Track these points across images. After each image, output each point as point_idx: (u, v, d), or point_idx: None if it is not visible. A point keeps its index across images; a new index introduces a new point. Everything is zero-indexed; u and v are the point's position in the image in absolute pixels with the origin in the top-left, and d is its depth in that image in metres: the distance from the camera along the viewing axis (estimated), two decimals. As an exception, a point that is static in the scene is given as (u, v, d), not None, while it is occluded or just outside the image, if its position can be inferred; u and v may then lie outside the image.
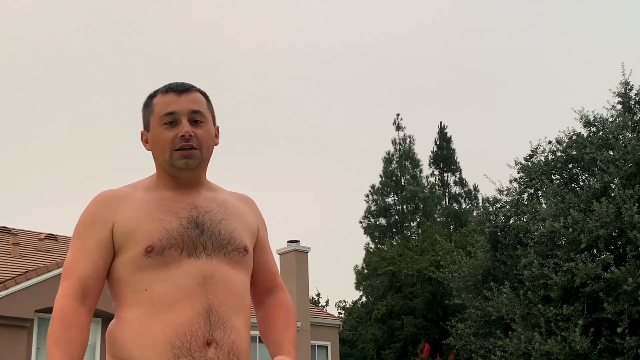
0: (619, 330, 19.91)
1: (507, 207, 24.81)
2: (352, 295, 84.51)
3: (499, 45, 63.88)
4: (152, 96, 2.43)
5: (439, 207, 41.97)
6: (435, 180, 43.71)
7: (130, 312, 2.26)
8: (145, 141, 2.43)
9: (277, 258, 28.96)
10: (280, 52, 65.87)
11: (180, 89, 2.38)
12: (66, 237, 28.00)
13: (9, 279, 19.96)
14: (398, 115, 43.31)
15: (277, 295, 2.50)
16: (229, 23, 64.26)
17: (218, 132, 2.46)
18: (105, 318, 21.18)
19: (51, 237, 27.10)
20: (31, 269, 21.28)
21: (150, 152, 2.42)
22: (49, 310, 20.17)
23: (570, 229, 21.20)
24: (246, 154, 69.69)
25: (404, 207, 41.82)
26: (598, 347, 20.29)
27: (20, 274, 20.46)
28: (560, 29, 63.90)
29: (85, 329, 2.22)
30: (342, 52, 64.74)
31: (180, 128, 2.32)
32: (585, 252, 20.69)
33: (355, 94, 65.57)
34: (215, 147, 2.43)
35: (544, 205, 23.04)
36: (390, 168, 42.14)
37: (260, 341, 24.51)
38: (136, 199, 2.35)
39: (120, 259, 2.30)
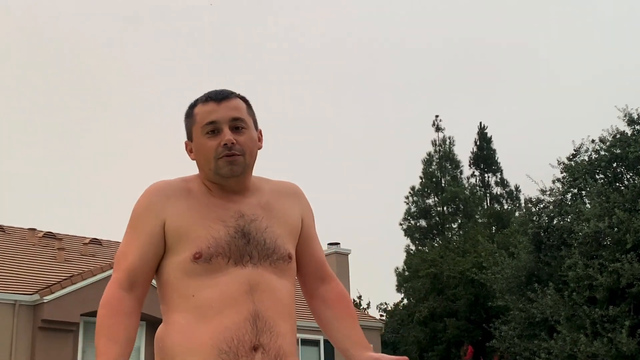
0: (666, 331, 19.58)
1: (551, 207, 24.53)
2: (393, 297, 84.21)
3: (541, 43, 63.24)
4: (192, 106, 2.44)
5: (480, 208, 41.62)
6: (476, 181, 43.39)
7: (178, 317, 2.27)
8: (189, 151, 2.45)
9: (318, 261, 28.98)
10: (322, 49, 66.02)
11: (219, 97, 2.40)
12: (110, 241, 28.36)
13: (55, 284, 20.28)
14: (437, 116, 43.10)
15: (332, 285, 2.49)
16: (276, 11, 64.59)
17: (261, 136, 2.48)
18: (150, 322, 21.41)
19: (95, 241, 27.47)
20: (76, 273, 21.59)
21: (194, 161, 2.44)
22: (94, 314, 20.44)
23: (615, 229, 20.89)
24: (288, 154, 69.96)
25: (445, 208, 41.56)
26: (645, 348, 19.98)
27: (65, 279, 20.77)
28: (609, 26, 63.02)
29: (132, 316, 2.25)
30: (386, 52, 64.65)
31: (222, 136, 2.34)
32: (631, 252, 20.37)
33: (396, 95, 65.43)
34: (259, 150, 2.45)
35: (588, 205, 22.74)
36: (430, 169, 41.92)
37: (304, 344, 24.55)
38: (188, 196, 2.38)
39: (170, 260, 2.32)
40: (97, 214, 61.86)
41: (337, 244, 28.92)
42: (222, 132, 2.35)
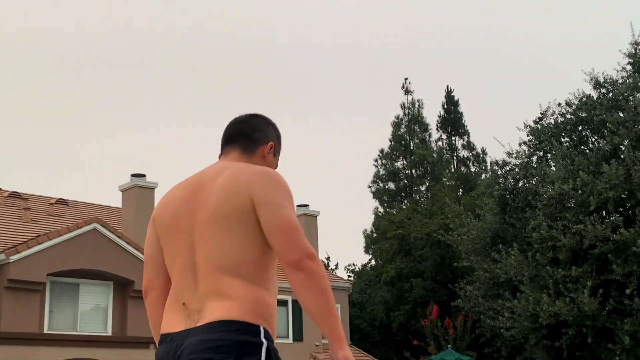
0: (627, 291, 19.98)
1: (516, 170, 24.77)
2: (361, 258, 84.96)
3: (507, 5, 63.28)
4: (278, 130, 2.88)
5: (447, 171, 41.93)
6: (444, 144, 43.63)
7: (269, 286, 2.45)
8: (271, 152, 2.77)
9: (286, 222, 29.07)
10: (289, 14, 65.48)
11: None
12: (76, 201, 28.17)
13: (21, 243, 20.14)
14: (406, 79, 43.19)
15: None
16: (236, -13, 63.78)
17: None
18: (117, 282, 21.40)
19: (62, 201, 27.26)
20: (42, 233, 21.45)
21: (267, 161, 2.74)
22: (61, 273, 20.39)
23: (580, 191, 21.18)
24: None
25: (413, 171, 41.79)
26: (606, 308, 20.38)
27: (31, 238, 20.64)
28: (571, -10, 63.16)
29: None
30: (351, 15, 64.28)
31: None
32: (594, 214, 20.69)
33: (364, 58, 65.24)
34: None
35: (553, 168, 23.00)
36: (399, 132, 42.02)
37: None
38: None
39: None
40: (63, 174, 61.28)
41: (306, 205, 29.03)
42: None
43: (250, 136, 2.71)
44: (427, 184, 41.20)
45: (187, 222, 2.47)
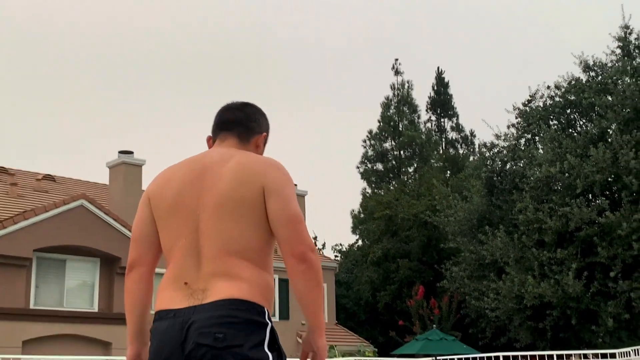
0: (612, 274, 20.14)
1: (504, 152, 24.85)
2: (348, 238, 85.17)
3: (500, -11, 63.07)
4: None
5: (435, 153, 41.98)
6: (432, 126, 43.65)
7: (271, 270, 2.60)
8: (264, 143, 2.91)
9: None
10: (278, -5, 65.09)
11: None
12: (64, 177, 28.06)
13: (7, 219, 20.06)
14: (397, 60, 43.08)
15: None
16: (226, -36, 63.34)
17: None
18: (104, 258, 21.39)
19: (49, 177, 27.14)
20: (29, 209, 21.37)
21: (260, 150, 2.87)
22: (47, 249, 20.35)
23: (566, 174, 21.28)
24: (243, 98, 69.40)
25: (401, 152, 41.81)
26: (591, 290, 20.55)
27: (18, 214, 20.55)
28: (562, -27, 63.04)
29: None
30: (341, -5, 63.97)
31: None
32: (581, 197, 20.81)
33: (356, 38, 65.05)
34: None
35: (540, 151, 23.09)
36: (388, 113, 41.97)
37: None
38: None
39: None
40: (51, 150, 61.01)
41: (294, 185, 29.04)
42: None
43: (246, 125, 2.81)
44: (415, 165, 41.26)
45: (192, 204, 2.53)
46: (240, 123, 2.80)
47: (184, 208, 2.54)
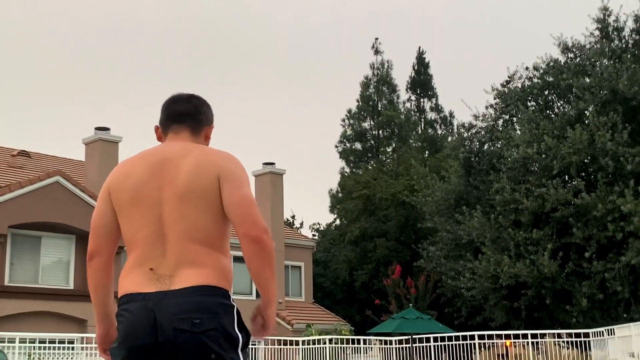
0: (586, 255, 20.33)
1: (482, 133, 24.94)
2: (326, 218, 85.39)
3: (481, -30, 62.92)
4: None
5: (414, 133, 42.00)
6: (412, 106, 43.61)
7: (229, 254, 2.79)
8: (209, 136, 3.03)
9: (252, 180, 29.04)
10: (258, -28, 64.55)
11: None
12: (39, 154, 27.79)
13: (-19, 195, 19.84)
14: (377, 39, 42.81)
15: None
16: (206, -60, 62.68)
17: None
18: (79, 235, 21.26)
19: (24, 153, 26.86)
20: (3, 185, 21.14)
21: (208, 141, 3.01)
22: (22, 226, 20.17)
23: (543, 155, 21.39)
24: (223, 76, 69.10)
25: (380, 132, 41.78)
26: (565, 270, 20.74)
27: (-8, 190, 20.33)
28: (543, -45, 63.03)
29: None
30: (322, -27, 63.55)
31: None
32: (557, 178, 20.94)
33: (335, 17, 64.78)
34: None
35: (518, 132, 23.18)
36: (367, 93, 41.84)
37: (236, 260, 24.75)
38: None
39: None
40: (26, 126, 60.38)
41: (272, 164, 28.95)
42: None
43: (196, 117, 2.96)
44: (394, 145, 41.26)
45: (154, 196, 2.70)
46: (191, 115, 2.95)
47: (146, 199, 2.70)
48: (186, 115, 2.94)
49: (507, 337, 18.50)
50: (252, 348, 19.05)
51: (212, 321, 2.54)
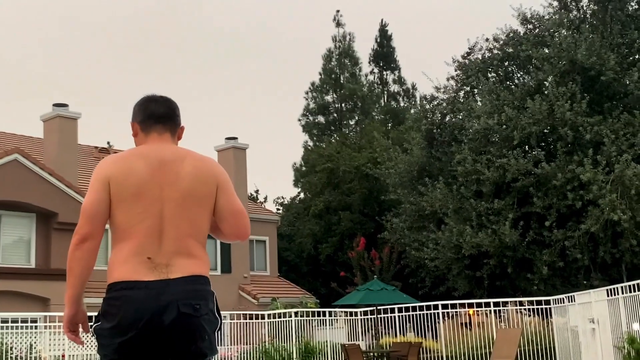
0: (547, 223, 20.63)
1: (444, 104, 25.05)
2: (290, 192, 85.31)
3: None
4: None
5: (377, 106, 42.08)
6: (375, 78, 43.65)
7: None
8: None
9: (214, 155, 28.90)
10: (217, -56, 63.70)
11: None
12: (8, 133, 27.33)
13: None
14: (338, 11, 42.81)
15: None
16: None
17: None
18: (40, 214, 21.01)
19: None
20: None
21: (180, 141, 3.33)
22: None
23: (504, 126, 21.59)
24: (184, 51, 68.35)
25: (343, 105, 41.79)
26: (526, 239, 21.04)
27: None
28: None
29: None
30: (282, -55, 62.89)
31: None
32: (518, 149, 21.15)
33: (295, -10, 64.22)
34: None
35: (479, 103, 23.33)
36: (329, 66, 41.79)
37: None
38: None
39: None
40: (-16, 105, 59.19)
41: (235, 138, 28.81)
42: None
43: (174, 120, 3.27)
44: (357, 118, 41.33)
45: (155, 194, 3.01)
46: (170, 118, 3.25)
47: (148, 196, 3.00)
48: (166, 117, 3.23)
49: (470, 306, 18.75)
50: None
51: (206, 306, 2.94)
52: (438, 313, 18.20)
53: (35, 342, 14.93)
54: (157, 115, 3.21)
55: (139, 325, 2.83)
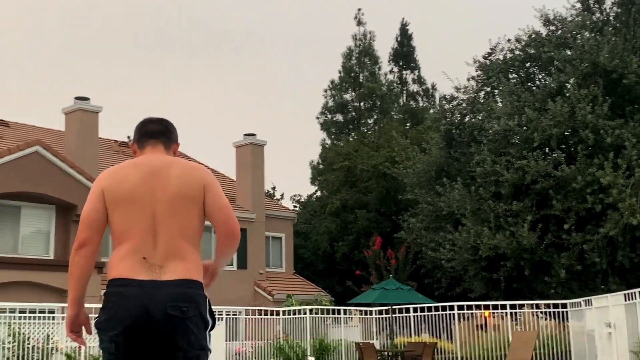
0: (565, 226, 20.50)
1: (464, 105, 24.96)
2: (307, 189, 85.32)
3: (464, -59, 62.56)
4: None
5: (396, 105, 42.00)
6: (394, 78, 43.56)
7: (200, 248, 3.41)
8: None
9: (233, 151, 28.97)
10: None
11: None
12: (18, 123, 27.53)
13: (-41, 164, 19.63)
14: (359, 10, 42.64)
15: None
16: None
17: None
18: (60, 206, 21.14)
19: (3, 123, 26.61)
20: (-18, 154, 20.93)
21: (177, 154, 3.56)
22: (2, 196, 20.04)
23: (524, 128, 21.47)
24: (205, 47, 68.55)
25: (362, 103, 41.75)
26: (545, 242, 20.92)
27: (-30, 159, 20.11)
28: None
29: None
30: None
31: None
32: (538, 151, 21.03)
33: (316, -13, 64.20)
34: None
35: (499, 104, 23.22)
36: (349, 64, 41.74)
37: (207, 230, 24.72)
38: None
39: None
40: (5, 95, 59.69)
41: (253, 135, 28.84)
42: None
43: (167, 135, 3.53)
44: (375, 117, 41.26)
45: (147, 198, 3.21)
46: (163, 133, 3.51)
47: (140, 200, 3.21)
48: (159, 132, 3.50)
49: (486, 307, 18.67)
50: (233, 319, 19.13)
51: (194, 309, 3.10)
52: (453, 314, 18.16)
53: (52, 333, 15.00)
54: (150, 132, 3.49)
55: (129, 320, 3.03)
